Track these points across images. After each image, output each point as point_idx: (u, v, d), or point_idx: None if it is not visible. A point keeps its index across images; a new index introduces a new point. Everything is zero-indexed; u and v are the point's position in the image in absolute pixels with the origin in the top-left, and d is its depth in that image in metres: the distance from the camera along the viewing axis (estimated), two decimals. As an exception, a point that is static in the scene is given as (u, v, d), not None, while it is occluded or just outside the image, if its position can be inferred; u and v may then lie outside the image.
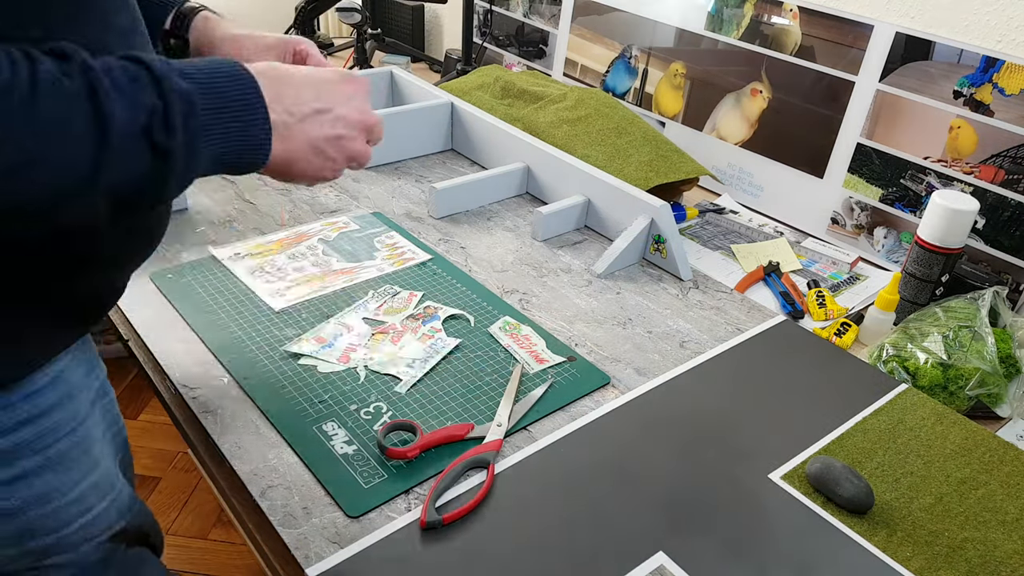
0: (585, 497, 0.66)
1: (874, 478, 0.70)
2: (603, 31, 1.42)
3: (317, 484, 0.65)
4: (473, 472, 0.68)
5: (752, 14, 1.17)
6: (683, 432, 0.74)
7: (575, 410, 0.76)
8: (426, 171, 1.22)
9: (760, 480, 0.69)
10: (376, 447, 0.68)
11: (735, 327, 0.90)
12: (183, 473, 1.70)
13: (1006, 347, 0.82)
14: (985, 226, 0.99)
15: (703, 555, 0.62)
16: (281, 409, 0.72)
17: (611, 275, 0.98)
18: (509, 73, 1.38)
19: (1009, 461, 0.73)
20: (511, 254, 1.01)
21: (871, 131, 1.08)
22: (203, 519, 1.60)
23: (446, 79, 1.57)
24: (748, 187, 1.24)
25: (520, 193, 1.17)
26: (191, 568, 1.50)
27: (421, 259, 0.97)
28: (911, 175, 1.05)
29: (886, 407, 0.79)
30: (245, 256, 0.94)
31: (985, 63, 0.95)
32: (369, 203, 1.11)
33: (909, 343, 0.84)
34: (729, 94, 1.24)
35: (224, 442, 0.69)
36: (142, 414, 1.84)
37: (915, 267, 0.92)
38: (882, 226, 1.10)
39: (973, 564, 0.63)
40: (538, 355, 0.82)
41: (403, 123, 1.22)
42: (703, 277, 0.99)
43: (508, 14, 1.61)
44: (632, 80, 1.39)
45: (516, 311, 0.89)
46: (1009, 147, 0.95)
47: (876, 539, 0.64)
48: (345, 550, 0.60)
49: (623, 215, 1.02)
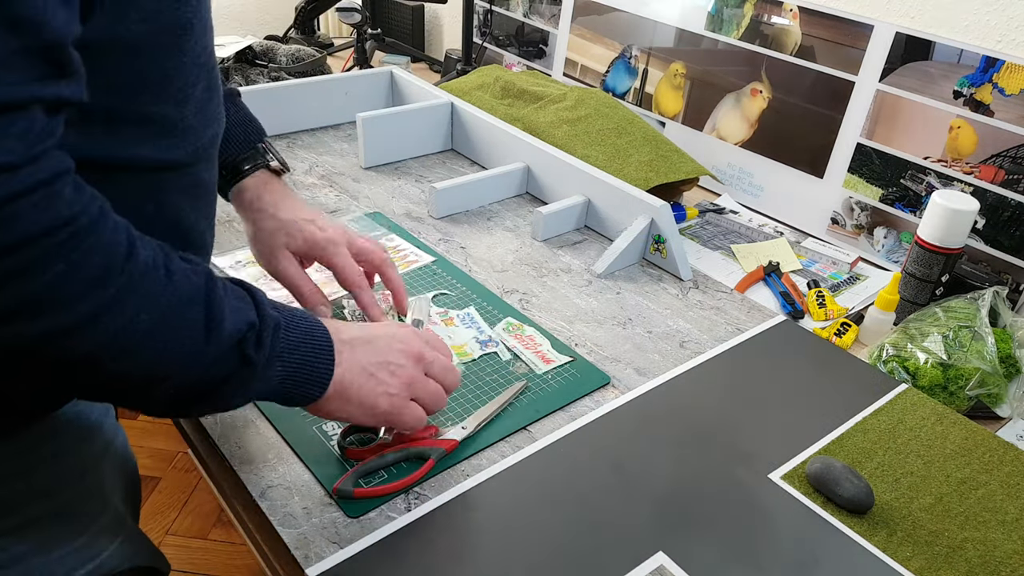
0: (585, 497, 0.66)
1: (874, 478, 0.70)
2: (603, 31, 1.42)
3: (317, 484, 0.65)
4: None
5: (752, 14, 1.17)
6: (683, 432, 0.74)
7: (575, 410, 0.76)
8: (426, 171, 1.22)
9: (760, 480, 0.69)
10: (338, 448, 0.68)
11: (735, 327, 0.90)
12: (183, 473, 1.70)
13: (1006, 347, 0.82)
14: (985, 226, 0.99)
15: (703, 555, 0.62)
16: (281, 409, 0.72)
17: (611, 275, 0.98)
18: (509, 73, 1.38)
19: (1009, 461, 0.73)
20: (511, 254, 1.01)
21: (871, 131, 1.08)
22: (203, 519, 1.60)
23: (446, 79, 1.57)
24: (748, 187, 1.24)
25: (520, 193, 1.17)
26: (191, 568, 1.50)
27: (424, 262, 0.97)
28: (911, 175, 1.05)
29: (886, 407, 0.79)
30: (247, 264, 0.94)
31: (985, 63, 0.95)
32: (369, 203, 1.11)
33: (909, 343, 0.84)
34: (729, 94, 1.24)
35: (224, 442, 0.69)
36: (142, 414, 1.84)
37: (915, 267, 0.92)
38: (882, 226, 1.10)
39: (973, 564, 0.63)
40: (544, 355, 0.81)
41: (403, 123, 1.22)
42: (703, 277, 0.99)
43: (508, 14, 1.61)
44: (632, 80, 1.39)
45: (516, 311, 0.89)
46: (1009, 147, 0.95)
47: (876, 539, 0.64)
48: (345, 550, 0.60)
49: (623, 215, 1.02)
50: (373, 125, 1.18)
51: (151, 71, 0.49)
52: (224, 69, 1.39)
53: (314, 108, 1.31)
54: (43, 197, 0.39)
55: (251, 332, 0.51)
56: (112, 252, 0.43)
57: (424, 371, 0.63)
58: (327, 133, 1.32)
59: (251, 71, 1.42)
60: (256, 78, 1.42)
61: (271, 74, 1.42)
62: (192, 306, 0.47)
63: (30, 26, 0.38)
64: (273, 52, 1.46)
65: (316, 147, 1.26)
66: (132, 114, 0.50)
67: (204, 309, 0.48)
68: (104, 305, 0.42)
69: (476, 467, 0.68)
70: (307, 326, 0.56)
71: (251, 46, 1.45)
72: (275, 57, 1.46)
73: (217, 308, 0.49)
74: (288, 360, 0.54)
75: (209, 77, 0.56)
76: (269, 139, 0.80)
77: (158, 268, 0.46)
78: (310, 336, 0.56)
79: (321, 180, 1.16)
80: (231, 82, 1.40)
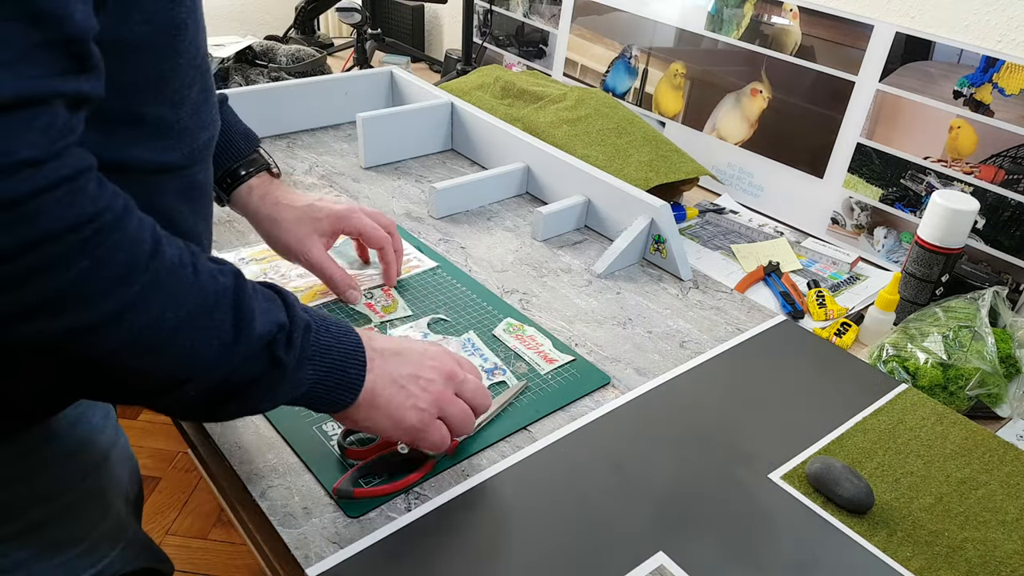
0: (585, 497, 0.66)
1: (874, 478, 0.70)
2: (603, 31, 1.42)
3: (317, 484, 0.65)
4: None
5: (752, 14, 1.17)
6: (683, 432, 0.74)
7: (575, 410, 0.76)
8: (426, 171, 1.22)
9: (760, 480, 0.69)
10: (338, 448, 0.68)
11: (735, 327, 0.90)
12: (183, 473, 1.70)
13: (1006, 347, 0.82)
14: (985, 226, 0.99)
15: (703, 555, 0.62)
16: (281, 409, 0.72)
17: (611, 275, 0.98)
18: (509, 73, 1.38)
19: (1009, 461, 0.73)
20: (511, 254, 1.01)
21: (871, 131, 1.08)
22: (203, 519, 1.60)
23: (446, 79, 1.57)
24: (748, 187, 1.24)
25: (520, 193, 1.17)
26: (191, 568, 1.50)
27: (427, 266, 0.96)
28: (911, 175, 1.05)
29: (886, 407, 0.79)
30: (250, 261, 0.94)
31: (985, 63, 0.95)
32: (369, 203, 1.11)
33: (909, 343, 0.84)
34: (729, 94, 1.24)
35: (224, 442, 0.69)
36: (142, 414, 1.84)
37: (915, 267, 0.92)
38: (882, 226, 1.10)
39: (973, 564, 0.63)
40: (546, 355, 0.81)
41: (403, 123, 1.22)
42: (703, 277, 0.99)
43: (508, 14, 1.61)
44: (632, 80, 1.39)
45: (516, 311, 0.89)
46: (1009, 147, 0.95)
47: (876, 539, 0.64)
48: (345, 550, 0.60)
49: (623, 215, 1.02)
50: (373, 125, 1.18)
51: (149, 72, 0.49)
52: (224, 69, 1.39)
53: (314, 108, 1.31)
54: (67, 193, 0.39)
55: (281, 333, 0.50)
56: (137, 249, 0.43)
57: (455, 391, 0.62)
58: (327, 133, 1.32)
59: (251, 71, 1.42)
60: (256, 78, 1.42)
61: (271, 74, 1.42)
62: (220, 306, 0.47)
63: (52, 20, 0.37)
64: (273, 52, 1.46)
65: (316, 147, 1.26)
66: (128, 115, 0.49)
67: (232, 309, 0.47)
68: (129, 302, 0.42)
69: (476, 467, 0.68)
70: (338, 330, 0.56)
71: (251, 46, 1.45)
72: (275, 57, 1.46)
73: (246, 308, 0.48)
74: (319, 364, 0.53)
75: (204, 79, 0.56)
76: (266, 141, 0.82)
77: (184, 267, 0.45)
78: (341, 341, 0.55)
79: (321, 180, 1.16)
80: (231, 82, 1.40)
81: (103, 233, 0.41)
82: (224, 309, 0.47)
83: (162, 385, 0.46)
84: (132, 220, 0.43)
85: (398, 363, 0.59)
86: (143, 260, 0.43)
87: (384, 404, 0.58)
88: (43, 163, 0.38)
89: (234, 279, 0.49)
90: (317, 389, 0.54)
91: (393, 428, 0.59)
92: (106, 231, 0.41)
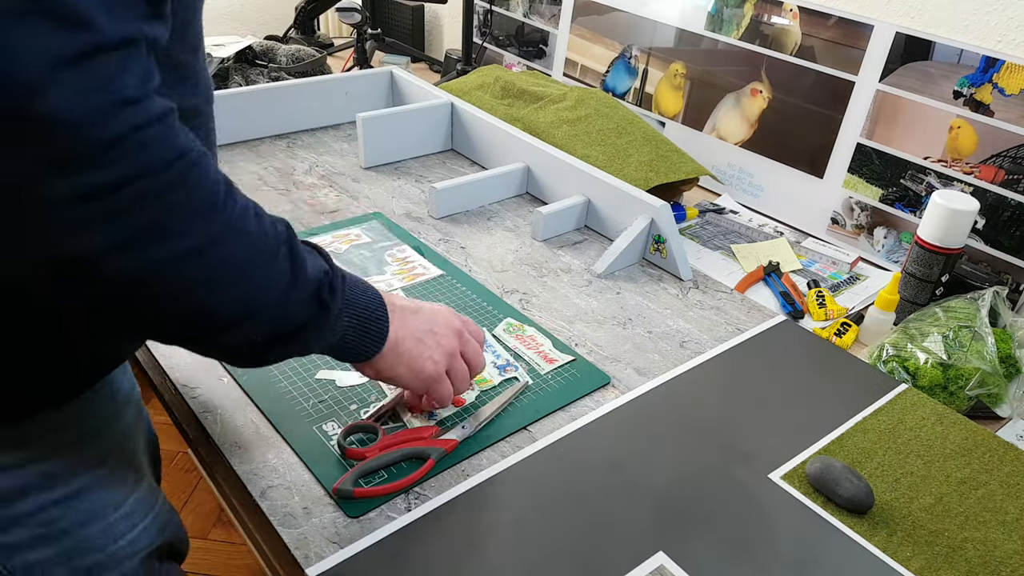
0: (585, 497, 0.66)
1: (874, 478, 0.70)
2: (603, 31, 1.42)
3: (317, 484, 0.65)
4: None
5: (752, 14, 1.17)
6: (683, 432, 0.74)
7: (575, 410, 0.76)
8: (426, 171, 1.22)
9: (760, 480, 0.69)
10: (337, 447, 0.68)
11: (735, 327, 0.90)
12: (183, 473, 1.70)
13: (1006, 347, 0.82)
14: (985, 226, 0.99)
15: (703, 555, 0.62)
16: (281, 409, 0.72)
17: (611, 275, 0.98)
18: (509, 73, 1.38)
19: (1009, 461, 0.73)
20: (511, 254, 1.01)
21: (871, 131, 1.08)
22: (203, 519, 1.60)
23: (446, 79, 1.57)
24: (748, 187, 1.24)
25: (520, 193, 1.17)
26: (191, 568, 1.50)
27: (432, 274, 0.95)
28: (911, 175, 1.05)
29: (886, 407, 0.79)
30: None
31: (985, 63, 0.95)
32: (369, 203, 1.11)
33: (909, 343, 0.84)
34: (729, 94, 1.24)
35: (224, 442, 0.69)
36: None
37: (915, 267, 0.92)
38: (882, 226, 1.10)
39: (973, 564, 0.63)
40: (546, 355, 0.81)
41: (403, 123, 1.22)
42: (703, 277, 0.99)
43: (508, 14, 1.61)
44: (632, 80, 1.39)
45: (516, 311, 0.89)
46: (1009, 147, 0.95)
47: (876, 539, 0.64)
48: (345, 550, 0.60)
49: (623, 215, 1.02)
50: (373, 125, 1.18)
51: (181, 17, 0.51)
52: (224, 69, 1.39)
53: (314, 108, 1.31)
54: (160, 130, 0.41)
55: (326, 279, 0.53)
56: (216, 188, 0.45)
57: (460, 348, 0.66)
58: (327, 133, 1.32)
59: (251, 71, 1.42)
60: (256, 78, 1.42)
61: (271, 74, 1.42)
62: (280, 250, 0.50)
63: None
64: (273, 52, 1.46)
65: (316, 147, 1.26)
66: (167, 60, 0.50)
67: (289, 254, 0.50)
68: (214, 235, 0.45)
69: (476, 467, 0.68)
70: (363, 285, 0.59)
71: (251, 46, 1.45)
72: (275, 57, 1.46)
73: (299, 255, 0.51)
74: (353, 313, 0.57)
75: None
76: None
77: (249, 209, 0.48)
78: (367, 294, 0.59)
79: (321, 180, 1.16)
80: (231, 82, 1.40)
81: (191, 169, 0.43)
82: (284, 254, 0.50)
83: (225, 323, 0.48)
84: (209, 160, 0.45)
85: (415, 318, 0.64)
86: (221, 198, 0.45)
87: (406, 353, 0.62)
88: (139, 101, 0.40)
89: (286, 227, 0.51)
90: (348, 337, 0.57)
91: (412, 377, 0.63)
92: (192, 167, 0.43)
